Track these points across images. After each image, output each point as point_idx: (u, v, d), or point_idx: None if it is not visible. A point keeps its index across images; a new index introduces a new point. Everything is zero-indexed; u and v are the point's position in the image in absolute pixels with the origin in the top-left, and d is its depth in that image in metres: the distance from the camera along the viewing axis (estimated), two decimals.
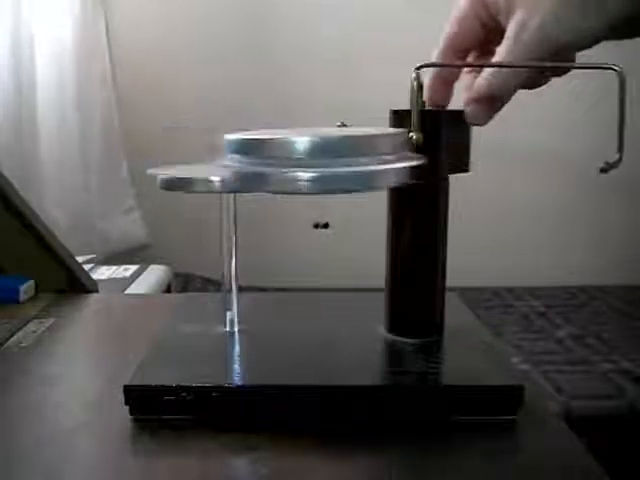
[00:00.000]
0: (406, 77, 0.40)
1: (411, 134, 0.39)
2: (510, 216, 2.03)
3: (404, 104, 0.40)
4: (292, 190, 0.34)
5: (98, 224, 1.71)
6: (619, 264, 2.02)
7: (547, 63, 0.38)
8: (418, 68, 0.39)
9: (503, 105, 0.40)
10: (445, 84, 0.44)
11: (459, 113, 0.41)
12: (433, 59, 0.43)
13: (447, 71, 0.43)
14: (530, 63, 0.38)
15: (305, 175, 0.33)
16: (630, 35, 0.39)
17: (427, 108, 0.41)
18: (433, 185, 0.42)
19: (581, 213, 2.05)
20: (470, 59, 0.44)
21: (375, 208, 0.49)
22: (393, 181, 0.36)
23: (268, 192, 0.35)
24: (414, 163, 0.36)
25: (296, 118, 1.79)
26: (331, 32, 1.90)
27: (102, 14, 1.76)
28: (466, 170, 0.43)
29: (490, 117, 0.40)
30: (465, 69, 0.44)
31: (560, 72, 0.41)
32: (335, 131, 0.38)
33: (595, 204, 2.03)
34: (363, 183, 0.35)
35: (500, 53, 0.39)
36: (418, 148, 0.38)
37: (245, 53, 1.92)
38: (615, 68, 0.36)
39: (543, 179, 2.00)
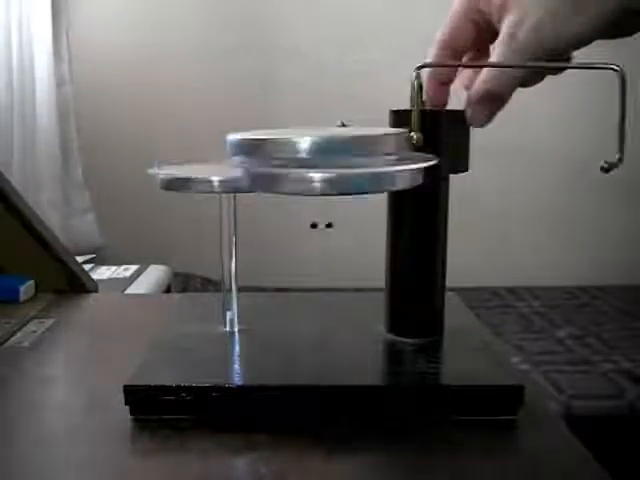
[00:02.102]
0: (406, 77, 0.40)
1: (411, 134, 0.39)
2: (510, 216, 2.03)
3: (404, 104, 0.40)
4: (305, 191, 0.34)
5: (52, 225, 1.69)
6: (619, 264, 2.02)
7: (544, 63, 0.38)
8: (418, 68, 0.39)
9: (503, 105, 0.40)
10: (441, 85, 0.44)
11: (459, 113, 0.41)
12: (428, 60, 0.43)
13: (443, 72, 0.44)
14: (527, 63, 0.38)
15: (318, 176, 0.33)
16: (626, 32, 0.39)
17: (427, 108, 0.42)
18: (433, 185, 0.42)
19: (581, 213, 2.05)
20: (465, 60, 0.45)
21: (375, 208, 0.49)
22: (408, 182, 0.35)
23: (280, 193, 0.34)
24: (428, 164, 0.36)
25: (296, 118, 1.79)
26: (330, 31, 1.90)
27: (64, 11, 1.74)
28: (465, 170, 0.43)
29: (491, 118, 0.40)
30: (466, 70, 0.44)
31: (557, 71, 0.41)
32: (340, 131, 0.37)
33: (595, 204, 2.03)
34: (378, 185, 0.34)
35: (496, 54, 0.39)
36: (418, 148, 0.38)
37: (223, 52, 1.92)
38: (615, 68, 0.36)
39: (543, 179, 2.00)
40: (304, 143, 0.34)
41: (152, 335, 0.45)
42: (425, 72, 0.41)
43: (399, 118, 0.41)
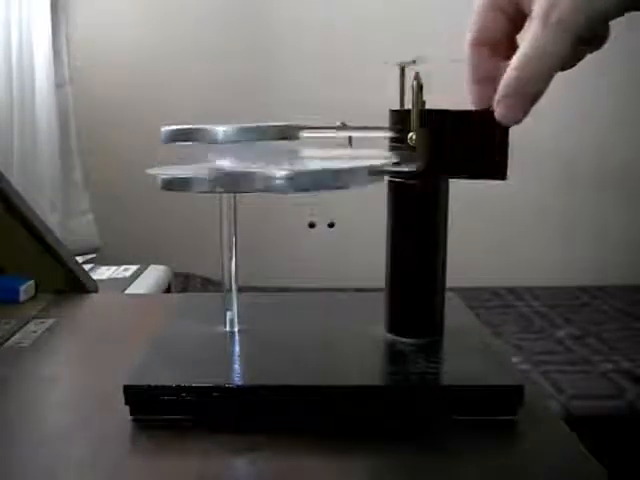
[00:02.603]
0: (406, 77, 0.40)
1: (411, 134, 0.39)
2: (510, 216, 2.03)
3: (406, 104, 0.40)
4: (266, 189, 0.35)
5: (52, 226, 1.68)
6: (619, 264, 2.02)
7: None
8: (402, 66, 0.38)
9: (539, 96, 0.35)
10: (485, 83, 0.39)
11: (466, 113, 0.40)
12: (464, 59, 0.40)
13: (480, 70, 0.39)
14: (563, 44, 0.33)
15: (278, 174, 0.34)
16: None
17: (427, 108, 0.41)
18: (433, 185, 0.42)
19: (581, 213, 2.05)
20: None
21: (375, 208, 0.49)
22: (365, 180, 0.37)
23: (245, 191, 0.36)
24: (383, 162, 0.37)
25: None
26: (329, 31, 1.90)
27: (64, 12, 1.73)
28: (500, 176, 0.41)
29: (525, 114, 0.36)
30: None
31: (597, 45, 0.37)
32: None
33: (595, 204, 2.03)
34: (334, 181, 0.36)
35: (528, 35, 0.34)
36: (417, 148, 0.38)
37: (223, 52, 1.92)
38: None
39: (543, 179, 2.00)
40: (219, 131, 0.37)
41: (152, 335, 0.45)
42: (464, 72, 0.39)
43: (399, 118, 0.41)
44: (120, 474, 0.34)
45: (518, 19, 0.37)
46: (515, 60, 0.35)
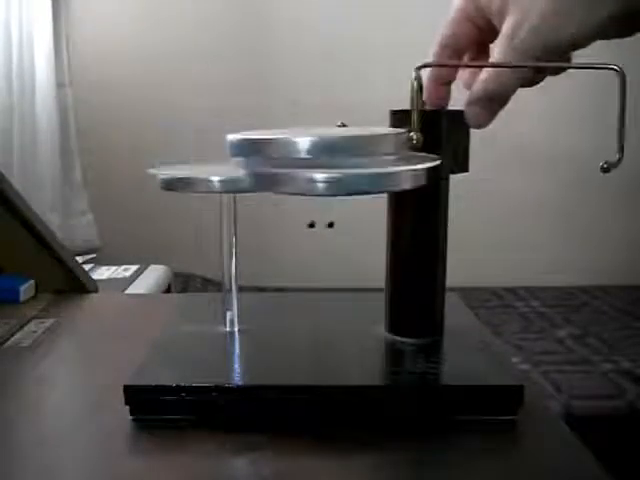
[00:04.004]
0: (407, 76, 0.40)
1: (411, 134, 0.39)
2: (510, 216, 2.03)
3: (405, 104, 0.40)
4: (308, 192, 0.33)
5: (52, 226, 1.68)
6: (619, 264, 2.02)
7: (544, 63, 0.38)
8: (418, 68, 0.39)
9: (503, 106, 0.40)
10: (441, 85, 0.44)
11: (459, 113, 0.41)
12: (429, 60, 0.43)
13: (443, 72, 0.44)
14: (527, 63, 0.38)
15: (320, 176, 0.33)
16: (626, 32, 0.39)
17: (427, 108, 0.41)
18: (433, 185, 0.42)
19: (581, 213, 2.05)
20: (465, 59, 0.45)
21: (375, 208, 0.49)
22: (411, 183, 0.35)
23: (282, 193, 0.34)
24: (432, 164, 0.36)
25: (292, 119, 1.79)
26: (328, 31, 1.90)
27: (64, 13, 1.73)
28: (464, 170, 0.43)
29: (491, 119, 0.40)
30: (467, 70, 0.44)
31: (557, 71, 0.41)
32: (338, 131, 0.37)
33: (595, 204, 2.03)
34: (380, 185, 0.34)
35: (496, 53, 0.39)
36: (418, 148, 0.38)
37: (223, 52, 1.92)
38: (615, 68, 0.36)
39: (543, 179, 2.00)
40: (304, 143, 0.34)
41: (152, 335, 0.45)
42: (425, 72, 0.41)
43: (399, 118, 0.41)
44: (120, 474, 0.34)
45: (487, 31, 0.41)
46: (484, 73, 0.39)
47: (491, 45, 0.41)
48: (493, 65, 0.39)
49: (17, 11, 1.57)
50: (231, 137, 0.37)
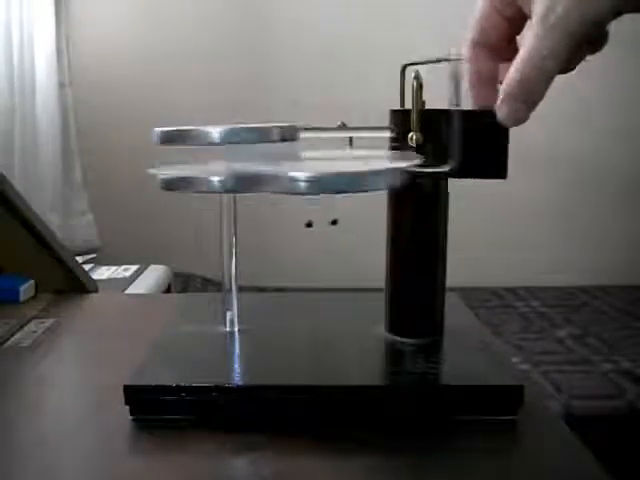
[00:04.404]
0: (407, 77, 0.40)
1: (411, 134, 0.39)
2: (510, 216, 2.03)
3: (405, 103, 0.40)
4: (290, 191, 0.34)
5: (52, 226, 1.67)
6: (619, 264, 2.02)
7: None
8: (404, 67, 0.38)
9: (540, 98, 0.35)
10: (486, 84, 0.40)
11: (467, 113, 0.40)
12: (463, 60, 0.40)
13: (480, 71, 0.40)
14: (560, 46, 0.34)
15: (302, 176, 0.33)
16: None
17: (427, 108, 0.41)
18: (433, 185, 0.42)
19: (581, 213, 2.05)
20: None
21: (375, 208, 0.49)
22: (389, 183, 0.36)
23: (264, 192, 0.35)
24: (410, 163, 0.36)
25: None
26: (328, 31, 1.90)
27: (65, 13, 1.73)
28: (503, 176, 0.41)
29: (528, 115, 0.36)
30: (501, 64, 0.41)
31: (594, 48, 0.38)
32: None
33: (595, 204, 2.03)
34: (357, 185, 0.35)
35: (528, 37, 0.35)
36: (418, 148, 0.38)
37: (223, 52, 1.92)
38: None
39: (543, 179, 2.00)
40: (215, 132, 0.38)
41: (152, 335, 0.45)
42: (464, 71, 0.39)
43: (399, 118, 0.41)
44: (120, 474, 0.34)
45: (517, 21, 0.38)
46: (516, 62, 0.35)
47: (517, 37, 0.39)
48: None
49: (18, 12, 1.57)
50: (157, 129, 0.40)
